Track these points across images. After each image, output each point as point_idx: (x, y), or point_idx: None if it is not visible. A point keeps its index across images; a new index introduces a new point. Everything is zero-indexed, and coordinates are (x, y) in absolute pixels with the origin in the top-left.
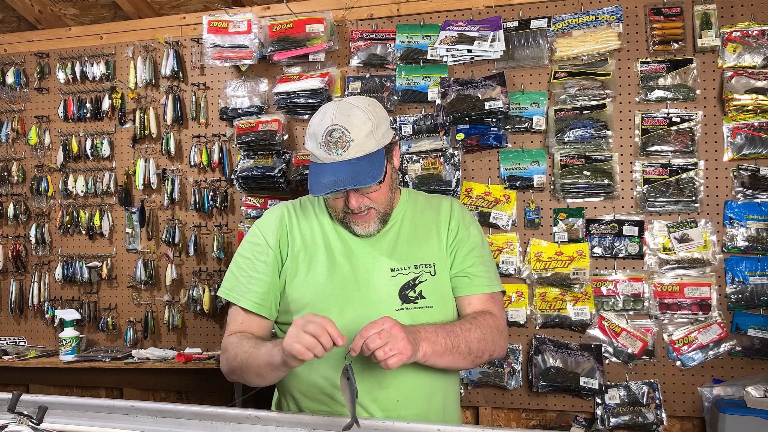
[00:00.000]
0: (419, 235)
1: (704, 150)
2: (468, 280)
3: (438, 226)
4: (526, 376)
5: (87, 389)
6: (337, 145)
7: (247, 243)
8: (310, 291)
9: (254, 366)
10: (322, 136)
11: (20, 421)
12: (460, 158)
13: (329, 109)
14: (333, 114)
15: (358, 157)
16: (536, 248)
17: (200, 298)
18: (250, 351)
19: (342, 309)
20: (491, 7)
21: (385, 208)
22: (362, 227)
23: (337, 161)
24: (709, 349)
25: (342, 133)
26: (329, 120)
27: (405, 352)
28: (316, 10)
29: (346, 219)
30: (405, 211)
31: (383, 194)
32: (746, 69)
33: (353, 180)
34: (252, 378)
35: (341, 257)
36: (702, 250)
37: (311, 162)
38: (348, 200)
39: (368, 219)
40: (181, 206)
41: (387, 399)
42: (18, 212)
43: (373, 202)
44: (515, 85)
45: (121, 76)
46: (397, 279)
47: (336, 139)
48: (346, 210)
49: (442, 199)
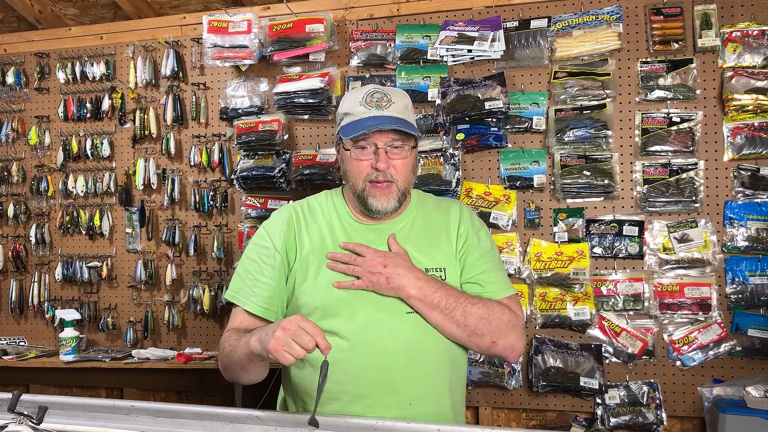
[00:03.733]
0: (430, 239)
1: (704, 150)
2: (480, 287)
3: (448, 231)
4: (526, 376)
5: (87, 389)
6: (378, 103)
7: (253, 245)
8: (319, 295)
9: (236, 359)
10: (363, 95)
11: (20, 421)
12: (460, 158)
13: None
14: (371, 85)
15: (397, 117)
16: (536, 248)
17: (200, 298)
18: (234, 344)
19: (352, 313)
20: (491, 7)
21: (405, 186)
22: (381, 200)
23: (378, 115)
24: (709, 349)
25: (384, 95)
26: (370, 87)
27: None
28: (316, 10)
29: (366, 191)
30: (416, 213)
31: (407, 169)
32: (746, 69)
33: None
34: (238, 372)
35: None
36: (702, 250)
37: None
38: (377, 160)
39: (388, 192)
40: (181, 206)
41: (399, 403)
42: (18, 212)
43: (397, 173)
44: (515, 85)
45: (121, 76)
46: None
47: (378, 99)
48: (369, 177)
49: (451, 203)
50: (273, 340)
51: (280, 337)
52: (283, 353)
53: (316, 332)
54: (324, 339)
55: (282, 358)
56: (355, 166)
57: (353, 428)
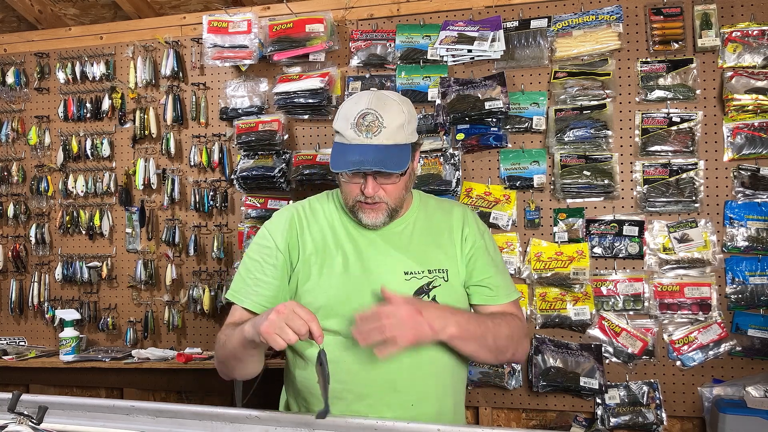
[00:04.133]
0: (432, 240)
1: (704, 150)
2: (489, 290)
3: (451, 232)
4: (526, 376)
5: (87, 389)
6: (368, 129)
7: (255, 245)
8: (322, 295)
9: (230, 348)
10: (354, 117)
11: (20, 421)
12: (460, 158)
13: (364, 95)
14: (369, 100)
15: (387, 144)
16: (536, 248)
17: (200, 298)
18: (229, 333)
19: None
20: (491, 7)
21: (396, 204)
22: (370, 217)
23: (366, 144)
24: (709, 349)
25: (375, 117)
26: (364, 104)
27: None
28: (316, 10)
29: (356, 207)
30: (417, 215)
31: (398, 190)
32: (746, 69)
33: (380, 163)
34: (232, 363)
35: (353, 260)
36: (702, 250)
37: (336, 142)
38: (365, 186)
39: (377, 210)
40: (181, 206)
41: (401, 403)
42: (18, 212)
43: (387, 195)
44: (515, 85)
45: (121, 76)
46: (410, 283)
47: (369, 123)
48: (358, 198)
49: (453, 205)
50: (266, 323)
51: (273, 321)
52: (274, 337)
53: (310, 318)
54: (317, 326)
55: (273, 342)
56: (346, 187)
57: (353, 428)
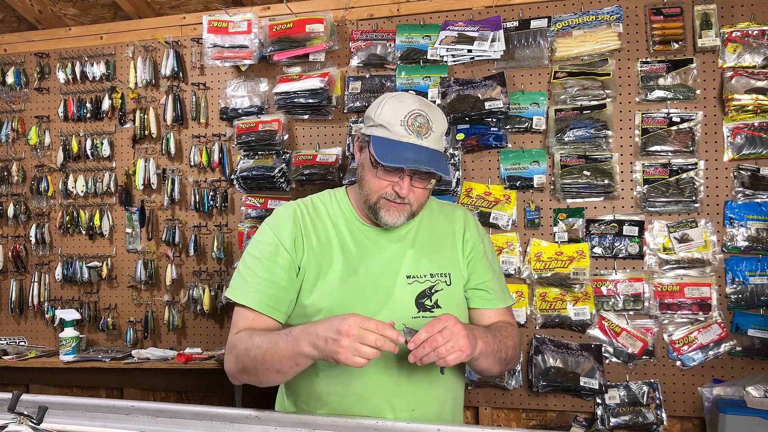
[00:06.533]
0: (435, 243)
1: (704, 150)
2: (487, 294)
3: (453, 236)
4: (526, 376)
5: (87, 389)
6: (420, 129)
7: (257, 242)
8: (325, 295)
9: (274, 361)
10: (405, 115)
11: (20, 421)
12: (460, 158)
13: (407, 96)
14: (415, 101)
15: (434, 149)
16: (536, 248)
17: (200, 298)
18: (267, 345)
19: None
20: (491, 7)
21: (418, 209)
22: (393, 216)
23: (418, 144)
24: (709, 349)
25: (427, 120)
26: (413, 104)
27: (465, 350)
28: (316, 10)
29: (379, 204)
30: (421, 218)
31: (426, 195)
32: (746, 69)
33: (435, 165)
34: (269, 374)
35: (357, 261)
36: (702, 250)
37: (378, 136)
38: (400, 185)
39: (402, 211)
40: (181, 206)
41: (403, 406)
42: (18, 212)
43: (415, 198)
44: (515, 85)
45: (121, 76)
46: (413, 286)
47: (420, 124)
48: (384, 195)
49: (455, 209)
50: (341, 351)
51: (347, 347)
52: (355, 360)
53: (380, 327)
54: (391, 330)
55: (357, 365)
56: (376, 182)
57: (353, 428)
